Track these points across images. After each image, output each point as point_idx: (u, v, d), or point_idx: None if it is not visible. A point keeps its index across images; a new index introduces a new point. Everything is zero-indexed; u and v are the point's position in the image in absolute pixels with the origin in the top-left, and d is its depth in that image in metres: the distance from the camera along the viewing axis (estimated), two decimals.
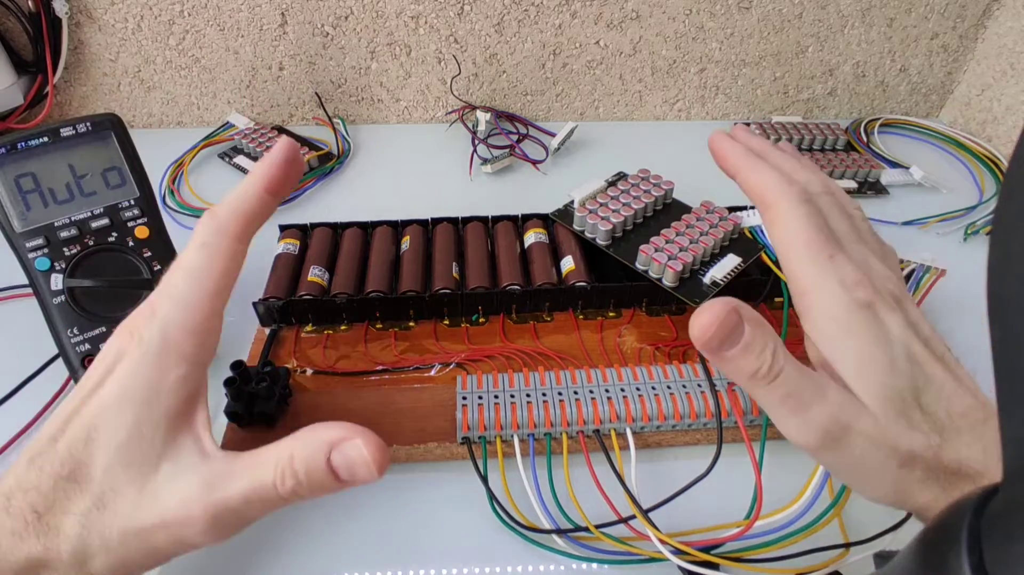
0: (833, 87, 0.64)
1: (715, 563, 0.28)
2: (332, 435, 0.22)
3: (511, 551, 0.30)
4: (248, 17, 0.56)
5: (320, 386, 0.36)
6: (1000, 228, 0.13)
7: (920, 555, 0.15)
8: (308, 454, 0.21)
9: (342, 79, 0.60)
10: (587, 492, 0.31)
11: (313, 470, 0.21)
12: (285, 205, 0.51)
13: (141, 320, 0.23)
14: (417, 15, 0.56)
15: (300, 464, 0.21)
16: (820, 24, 0.60)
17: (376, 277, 0.40)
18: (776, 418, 0.23)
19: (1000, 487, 0.14)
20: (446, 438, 0.33)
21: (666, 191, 0.44)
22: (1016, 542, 0.12)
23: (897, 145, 0.62)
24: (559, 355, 0.37)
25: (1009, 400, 0.13)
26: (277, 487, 0.21)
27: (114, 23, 0.55)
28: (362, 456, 0.21)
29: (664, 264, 0.37)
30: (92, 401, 0.22)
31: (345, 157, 0.57)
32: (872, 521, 0.29)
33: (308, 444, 0.22)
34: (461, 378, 0.34)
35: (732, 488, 0.30)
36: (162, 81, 0.59)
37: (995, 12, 0.60)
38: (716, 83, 0.63)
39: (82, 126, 0.35)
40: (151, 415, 0.22)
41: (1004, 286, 0.12)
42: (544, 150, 0.58)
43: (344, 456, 0.21)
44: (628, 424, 0.33)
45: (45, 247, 0.34)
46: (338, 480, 0.22)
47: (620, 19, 0.58)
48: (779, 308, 0.40)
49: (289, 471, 0.21)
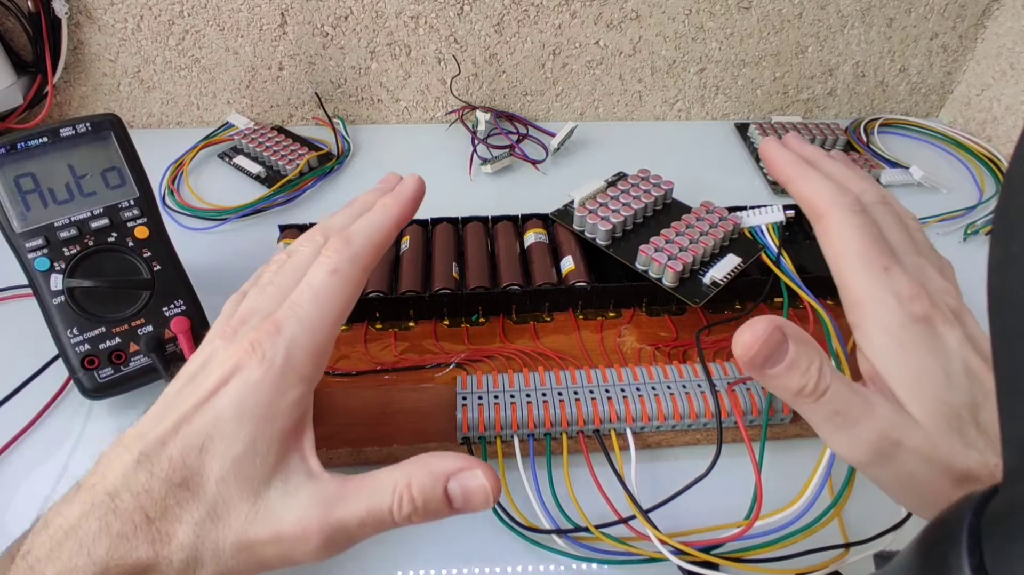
0: (833, 87, 0.64)
1: (715, 563, 0.28)
2: (450, 466, 0.23)
3: (511, 551, 0.30)
4: (248, 17, 0.56)
5: (320, 386, 0.36)
6: (1001, 228, 0.13)
7: (920, 555, 0.15)
8: (426, 482, 0.22)
9: (342, 79, 0.60)
10: (587, 492, 0.31)
11: (430, 499, 0.22)
12: (285, 205, 0.51)
13: (264, 336, 0.23)
14: (417, 15, 0.56)
15: (418, 492, 0.22)
16: (820, 24, 0.60)
17: (376, 277, 0.40)
18: (824, 434, 0.23)
19: (1000, 487, 0.14)
20: (446, 438, 0.33)
21: (666, 191, 0.44)
22: (1016, 542, 0.12)
23: (897, 145, 0.62)
24: (559, 355, 0.37)
25: (1009, 400, 0.13)
26: (394, 513, 0.22)
27: (114, 23, 0.55)
28: (481, 486, 0.22)
29: (664, 264, 0.37)
30: (207, 410, 0.22)
31: (345, 157, 0.57)
32: (872, 521, 0.29)
33: (426, 472, 0.22)
34: (461, 378, 0.34)
35: (732, 488, 0.30)
36: (162, 81, 0.59)
37: (995, 12, 0.60)
38: (716, 83, 0.63)
39: (82, 126, 0.35)
40: (268, 431, 0.22)
41: (1005, 286, 0.12)
42: (544, 150, 0.58)
43: (462, 486, 0.22)
44: (628, 424, 0.33)
45: (45, 247, 0.34)
46: (451, 507, 0.22)
47: (620, 19, 0.58)
48: (779, 308, 0.40)
49: (407, 498, 0.22)
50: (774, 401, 0.33)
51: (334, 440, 0.33)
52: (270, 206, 0.51)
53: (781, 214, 0.41)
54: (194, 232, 0.48)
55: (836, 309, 0.41)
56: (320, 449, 0.32)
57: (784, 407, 0.33)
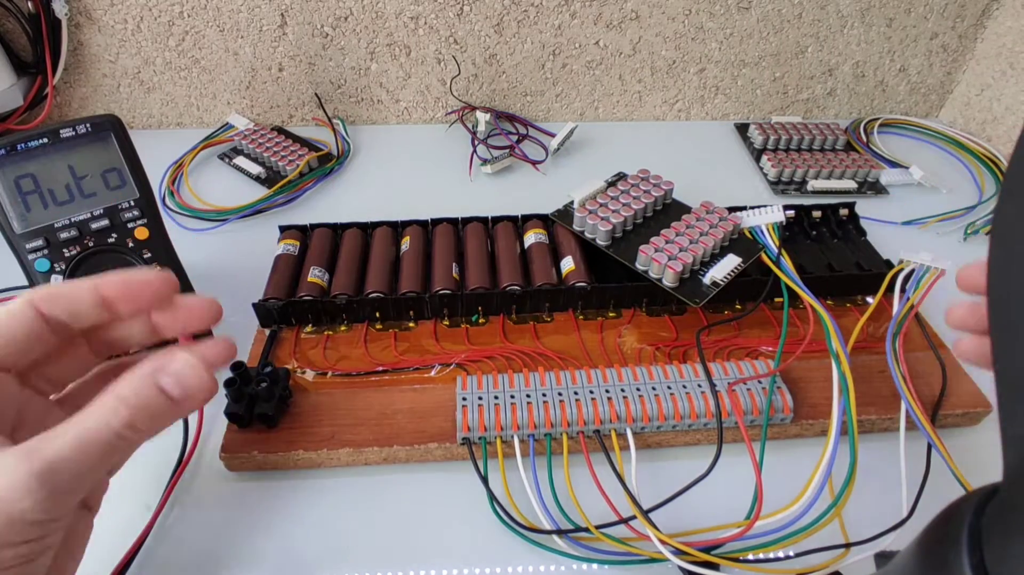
0: (833, 87, 0.64)
1: (715, 563, 0.28)
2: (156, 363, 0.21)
3: (511, 551, 0.30)
4: (248, 18, 0.56)
5: (320, 387, 0.36)
6: (1000, 228, 0.13)
7: (920, 555, 0.15)
8: (135, 383, 0.21)
9: (342, 80, 0.60)
10: (587, 492, 0.31)
11: (145, 397, 0.20)
12: (285, 206, 0.51)
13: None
14: (417, 16, 0.56)
15: (129, 392, 0.20)
16: (819, 24, 0.60)
17: (376, 278, 0.40)
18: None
19: (1000, 487, 0.14)
20: (446, 438, 0.33)
21: (666, 191, 0.44)
22: (1016, 542, 0.12)
23: (897, 145, 0.62)
24: (559, 355, 0.37)
25: (1009, 399, 0.13)
26: (111, 425, 0.20)
27: (114, 24, 0.55)
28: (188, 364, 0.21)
29: (664, 264, 0.37)
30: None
31: (345, 158, 0.57)
32: (872, 521, 0.29)
33: (133, 376, 0.21)
34: (461, 379, 0.34)
35: (732, 488, 0.30)
36: (162, 82, 0.59)
37: (994, 12, 0.60)
38: (716, 83, 0.63)
39: (82, 127, 0.35)
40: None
41: (1004, 286, 0.12)
42: (544, 150, 0.58)
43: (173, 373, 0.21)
44: (628, 424, 0.33)
45: (45, 248, 0.34)
46: (174, 402, 0.21)
47: (620, 19, 0.58)
48: (779, 308, 0.40)
49: (119, 403, 0.20)
50: (774, 401, 0.33)
51: (334, 440, 0.33)
52: (270, 207, 0.51)
53: (781, 214, 0.41)
54: (194, 233, 0.48)
55: (836, 309, 0.42)
56: (320, 449, 0.32)
57: (784, 407, 0.33)
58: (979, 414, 0.35)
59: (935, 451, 0.31)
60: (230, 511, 0.32)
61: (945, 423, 0.35)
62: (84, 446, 0.20)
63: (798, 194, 0.54)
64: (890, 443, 0.32)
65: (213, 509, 0.32)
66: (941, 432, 0.34)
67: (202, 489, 0.33)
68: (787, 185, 0.55)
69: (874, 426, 0.35)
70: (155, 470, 0.33)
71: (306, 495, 0.32)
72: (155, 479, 0.32)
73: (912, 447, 0.31)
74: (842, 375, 0.32)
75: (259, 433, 0.33)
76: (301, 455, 0.32)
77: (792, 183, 0.55)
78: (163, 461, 0.33)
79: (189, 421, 0.34)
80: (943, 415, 0.34)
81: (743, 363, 0.35)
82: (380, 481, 0.33)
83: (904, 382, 0.32)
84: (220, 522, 0.31)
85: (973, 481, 0.30)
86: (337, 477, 0.33)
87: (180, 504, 0.32)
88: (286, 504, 0.32)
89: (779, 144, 0.59)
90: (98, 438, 0.20)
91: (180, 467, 0.33)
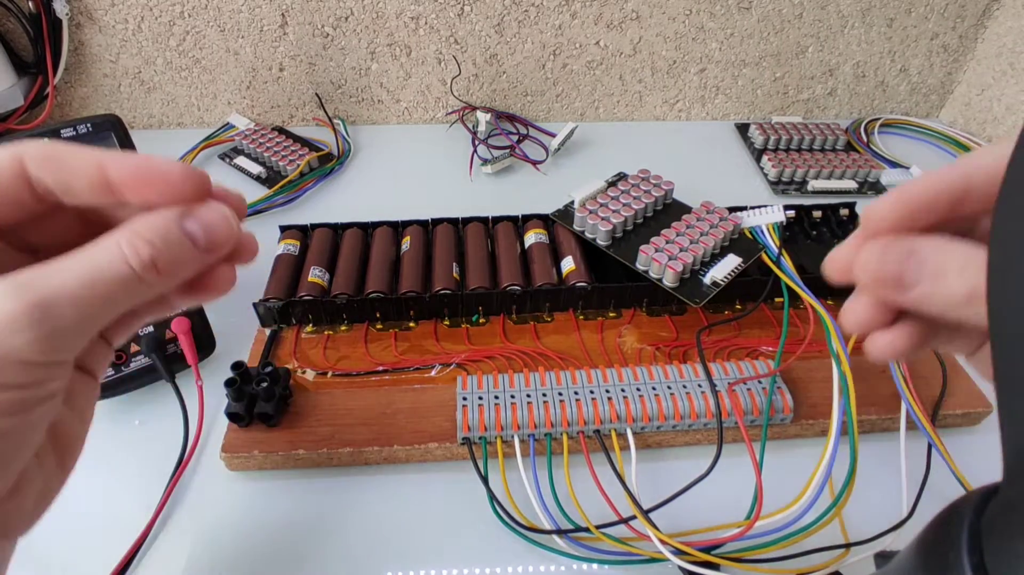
0: (833, 87, 0.64)
1: (715, 563, 0.28)
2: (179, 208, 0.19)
3: (511, 551, 0.30)
4: (248, 18, 0.56)
5: (320, 386, 0.36)
6: (1000, 229, 0.13)
7: (920, 555, 0.15)
8: (159, 223, 0.18)
9: (342, 80, 0.60)
10: (587, 492, 0.31)
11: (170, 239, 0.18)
12: (285, 206, 0.51)
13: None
14: (417, 16, 0.56)
15: (153, 233, 0.18)
16: (820, 24, 0.60)
17: (376, 278, 0.40)
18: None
19: (1000, 487, 0.14)
20: (446, 438, 0.33)
21: (666, 191, 0.44)
22: (1016, 542, 0.12)
23: (897, 145, 0.62)
24: (559, 355, 0.37)
25: (1009, 400, 0.13)
26: (130, 261, 0.18)
27: (114, 24, 0.55)
28: (221, 215, 0.19)
29: (664, 264, 0.37)
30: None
31: (345, 158, 0.57)
32: (872, 521, 0.29)
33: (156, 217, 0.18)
34: (461, 378, 0.34)
35: (732, 488, 0.30)
36: (162, 82, 0.59)
37: (995, 12, 0.60)
38: (716, 83, 0.63)
39: (83, 127, 0.35)
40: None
41: (1004, 287, 0.12)
42: (544, 150, 0.58)
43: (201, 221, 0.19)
44: (628, 424, 0.33)
45: None
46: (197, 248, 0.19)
47: (620, 20, 0.58)
48: (779, 308, 0.40)
49: (142, 242, 0.18)
50: (774, 401, 0.33)
51: (334, 440, 0.33)
52: (271, 207, 0.51)
53: (781, 214, 0.41)
54: None
55: (836, 309, 0.41)
56: (320, 449, 0.32)
57: (784, 407, 0.33)
58: (979, 414, 0.35)
59: (935, 451, 0.31)
60: (230, 511, 0.32)
61: (945, 423, 0.35)
62: (92, 282, 0.17)
63: (798, 194, 0.54)
64: (890, 443, 0.32)
65: (213, 509, 0.32)
66: (941, 432, 0.34)
67: (202, 489, 0.33)
68: (787, 185, 0.55)
69: (874, 426, 0.35)
70: (155, 470, 0.33)
71: (306, 495, 0.32)
72: (155, 479, 0.32)
73: (912, 447, 0.31)
74: (842, 375, 0.32)
75: (259, 433, 0.33)
76: (301, 455, 0.32)
77: (792, 183, 0.55)
78: (163, 461, 0.33)
79: (189, 421, 0.34)
80: (943, 415, 0.34)
81: (743, 363, 0.35)
82: (380, 481, 0.33)
83: (904, 382, 0.32)
84: (220, 522, 0.31)
85: (973, 481, 0.30)
86: (337, 477, 0.33)
87: (180, 504, 0.32)
88: (286, 504, 0.32)
89: (779, 144, 0.59)
90: (110, 275, 0.17)
91: (180, 467, 0.33)
